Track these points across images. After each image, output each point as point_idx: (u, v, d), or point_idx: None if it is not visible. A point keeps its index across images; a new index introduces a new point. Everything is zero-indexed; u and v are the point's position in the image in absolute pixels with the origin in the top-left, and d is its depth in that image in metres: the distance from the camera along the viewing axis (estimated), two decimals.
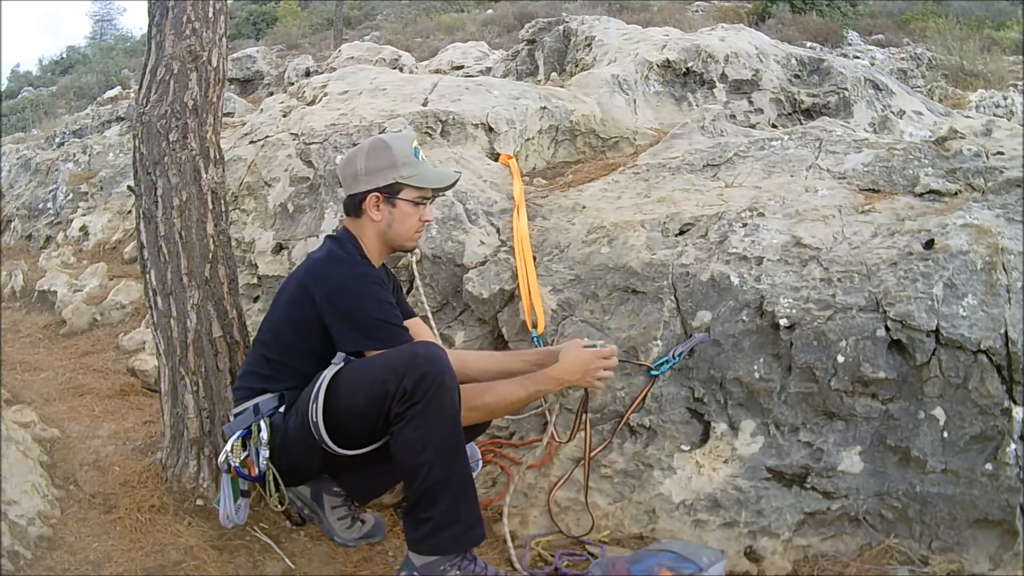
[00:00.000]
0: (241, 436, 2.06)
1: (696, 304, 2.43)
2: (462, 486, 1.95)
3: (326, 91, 4.59)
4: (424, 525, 1.94)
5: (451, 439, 1.92)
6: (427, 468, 1.89)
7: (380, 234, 2.17)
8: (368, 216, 2.14)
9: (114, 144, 7.88)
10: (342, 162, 2.23)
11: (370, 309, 2.02)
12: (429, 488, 1.90)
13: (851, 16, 15.22)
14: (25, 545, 2.05)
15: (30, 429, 2.68)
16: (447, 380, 1.90)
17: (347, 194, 2.19)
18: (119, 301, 4.71)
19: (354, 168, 2.15)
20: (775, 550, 2.16)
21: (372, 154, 2.14)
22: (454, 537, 1.94)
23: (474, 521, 1.98)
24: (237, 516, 2.15)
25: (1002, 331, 2.10)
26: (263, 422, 2.04)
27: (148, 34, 2.50)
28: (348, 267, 2.08)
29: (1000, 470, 2.06)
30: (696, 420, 2.38)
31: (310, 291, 2.06)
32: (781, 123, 4.61)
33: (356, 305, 2.02)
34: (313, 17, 20.81)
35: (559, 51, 5.73)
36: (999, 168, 2.63)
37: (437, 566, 1.95)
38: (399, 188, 2.13)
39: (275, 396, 2.11)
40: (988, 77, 9.42)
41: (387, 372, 1.89)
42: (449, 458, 1.91)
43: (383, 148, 2.14)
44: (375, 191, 2.13)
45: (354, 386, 1.93)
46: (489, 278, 2.89)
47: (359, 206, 2.14)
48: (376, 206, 2.14)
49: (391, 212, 2.14)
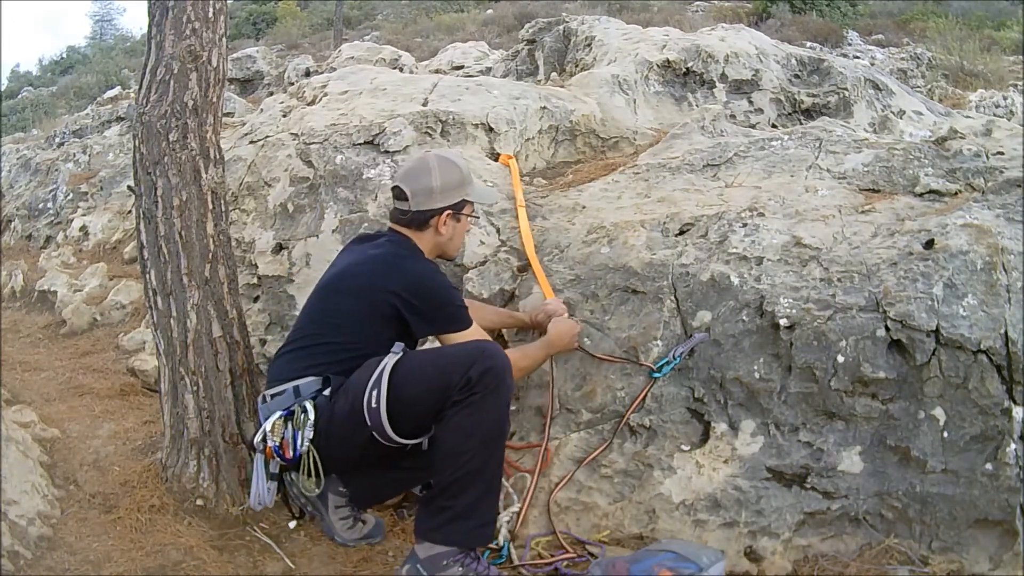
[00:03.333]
0: (284, 415, 2.05)
1: (696, 304, 2.43)
2: (492, 482, 2.01)
3: (326, 91, 4.58)
4: (443, 513, 1.96)
5: (497, 435, 2.00)
6: (468, 456, 1.94)
7: (438, 246, 2.32)
8: (435, 230, 2.29)
9: (114, 144, 7.88)
10: (409, 177, 2.30)
11: (449, 297, 2.21)
12: (463, 476, 1.94)
13: (851, 16, 15.21)
14: (25, 545, 2.05)
15: (30, 429, 2.68)
16: (507, 379, 2.00)
17: (416, 209, 2.26)
18: (119, 301, 4.71)
19: (428, 185, 2.25)
20: (775, 550, 2.16)
21: (444, 172, 2.27)
22: (467, 530, 1.97)
23: (489, 520, 2.02)
24: (268, 499, 2.13)
25: (1002, 331, 2.10)
26: (308, 403, 2.04)
27: (148, 34, 2.50)
28: (421, 263, 2.24)
29: (1000, 470, 2.06)
30: (696, 420, 2.38)
31: (385, 284, 2.15)
32: (781, 123, 4.61)
33: (436, 294, 2.18)
34: (313, 17, 20.80)
35: (559, 51, 5.72)
36: (999, 168, 2.63)
37: (441, 559, 1.96)
38: (463, 204, 2.32)
39: (318, 379, 2.10)
40: (988, 77, 9.42)
41: (454, 363, 1.97)
42: (490, 452, 1.98)
43: (454, 167, 2.30)
44: (448, 207, 2.27)
45: (417, 375, 1.98)
46: (489, 278, 2.89)
47: (427, 221, 2.27)
48: (446, 222, 2.29)
49: (455, 227, 2.33)
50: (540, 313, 2.56)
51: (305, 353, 2.17)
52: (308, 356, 2.15)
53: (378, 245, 2.29)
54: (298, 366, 2.14)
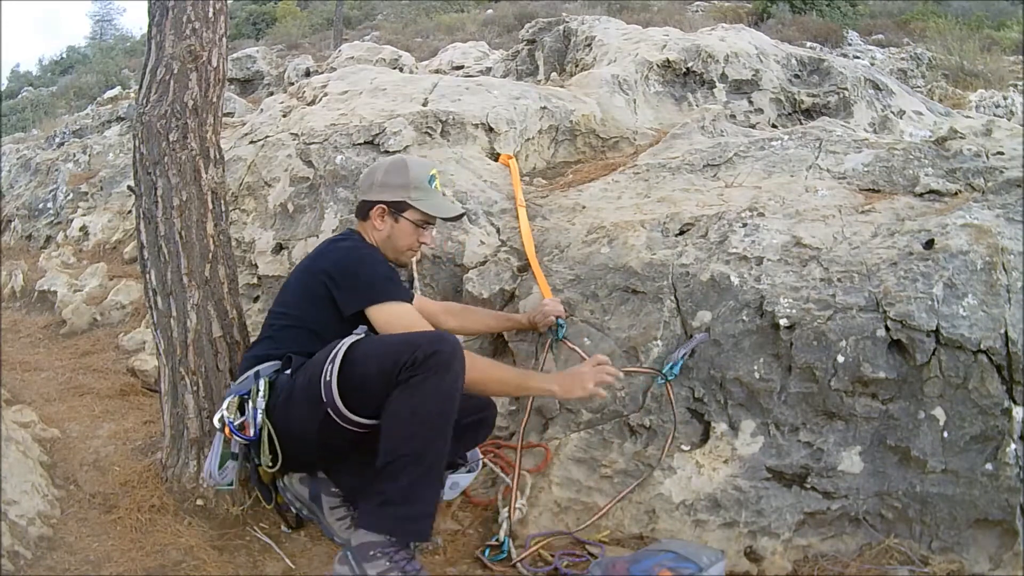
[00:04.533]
0: (239, 395, 2.10)
1: (696, 304, 2.43)
2: (430, 471, 1.90)
3: (326, 91, 4.58)
4: (375, 498, 1.90)
5: (439, 420, 1.90)
6: (405, 439, 1.88)
7: (381, 243, 2.36)
8: (372, 223, 2.36)
9: (114, 144, 7.88)
10: (367, 170, 2.47)
11: (373, 271, 2.21)
12: (397, 459, 1.87)
13: (851, 16, 15.22)
14: (25, 545, 2.05)
15: (30, 429, 2.68)
16: (456, 365, 1.93)
17: (360, 199, 2.41)
18: (119, 301, 4.71)
19: (372, 178, 2.39)
20: (775, 550, 2.16)
21: (391, 170, 2.37)
22: (398, 518, 1.87)
23: (425, 513, 1.92)
24: (221, 478, 2.15)
25: (1002, 331, 2.10)
26: (263, 380, 2.09)
27: (148, 34, 2.50)
28: (354, 245, 2.31)
29: (1000, 470, 2.06)
30: (696, 420, 2.38)
31: (318, 265, 2.25)
32: (781, 123, 4.61)
33: (357, 268, 2.21)
34: (313, 17, 20.80)
35: (559, 51, 5.73)
36: (999, 168, 2.63)
37: (369, 549, 1.86)
38: (405, 207, 2.34)
39: (277, 362, 2.16)
40: (988, 77, 9.43)
41: (403, 344, 1.95)
42: (429, 437, 1.89)
43: (402, 168, 2.37)
44: (383, 203, 2.34)
45: (370, 354, 1.98)
46: (489, 278, 2.89)
47: (367, 212, 2.37)
48: (381, 217, 2.35)
49: (393, 226, 2.35)
50: (537, 314, 2.58)
51: (265, 344, 2.26)
52: (267, 345, 2.24)
53: (328, 240, 2.44)
54: (259, 353, 2.23)
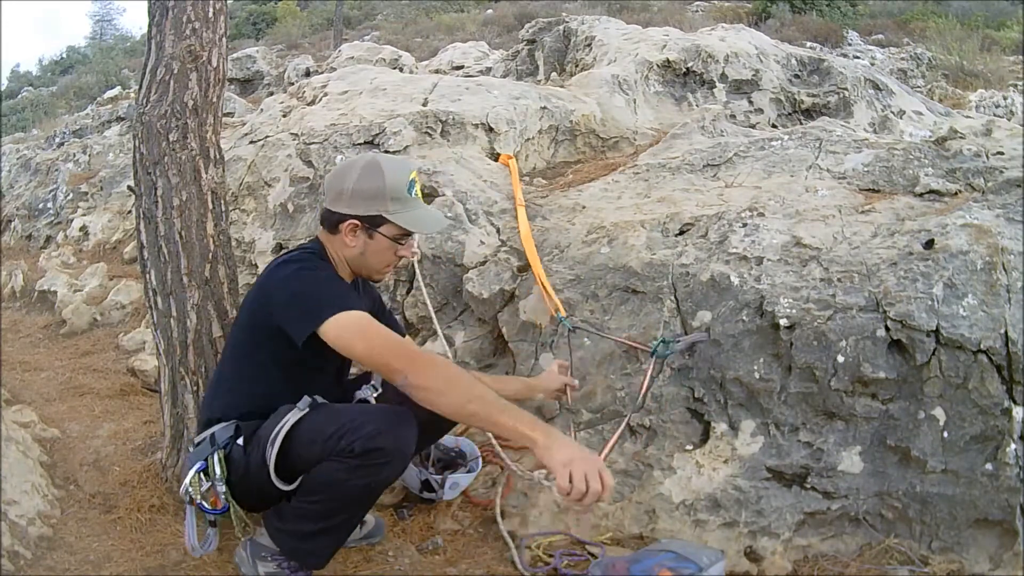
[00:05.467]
0: (200, 469, 1.92)
1: (696, 304, 2.43)
2: (336, 531, 1.93)
3: (326, 91, 4.59)
4: (281, 518, 1.93)
5: (358, 502, 1.91)
6: (320, 499, 1.86)
7: (350, 258, 2.04)
8: (342, 238, 2.00)
9: (114, 144, 7.89)
10: (333, 172, 2.06)
11: (313, 289, 1.88)
12: (308, 509, 1.88)
13: (851, 16, 15.22)
14: (25, 545, 2.05)
15: (30, 429, 2.69)
16: (395, 464, 1.86)
17: (326, 207, 2.03)
18: (119, 301, 4.72)
19: (341, 185, 1.98)
20: (775, 550, 2.16)
21: (364, 176, 1.97)
22: (293, 546, 1.93)
23: (321, 554, 1.95)
24: (204, 547, 1.98)
25: (1002, 331, 2.10)
26: (218, 455, 1.92)
27: (148, 34, 2.50)
28: (297, 269, 1.94)
29: (1000, 470, 2.06)
30: (696, 420, 2.38)
31: (263, 297, 1.96)
32: (781, 123, 4.61)
33: (301, 291, 1.87)
34: (313, 17, 20.81)
35: (559, 51, 5.73)
36: (999, 168, 2.63)
37: (262, 550, 1.96)
38: (381, 222, 1.98)
39: (231, 425, 1.97)
40: (988, 77, 9.43)
41: (349, 426, 1.81)
42: (344, 511, 1.90)
43: (376, 174, 1.97)
44: (356, 218, 1.97)
45: (313, 435, 1.84)
46: (489, 278, 2.89)
47: (336, 225, 2.00)
48: (353, 232, 1.99)
49: (367, 243, 2.00)
50: (555, 383, 2.43)
51: (219, 390, 2.08)
52: (222, 394, 2.05)
53: (282, 256, 2.10)
54: (215, 405, 2.05)
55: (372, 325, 1.85)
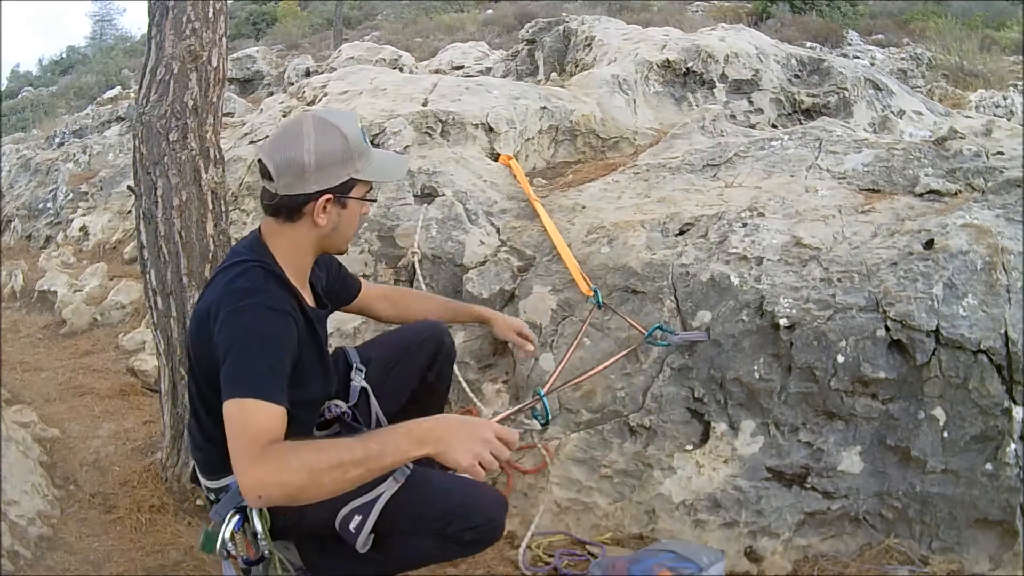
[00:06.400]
0: (239, 527, 1.66)
1: (696, 304, 2.43)
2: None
3: (326, 91, 4.59)
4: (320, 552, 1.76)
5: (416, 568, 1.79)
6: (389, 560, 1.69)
7: (317, 240, 1.71)
8: (311, 220, 1.66)
9: (114, 144, 7.89)
10: (273, 148, 1.64)
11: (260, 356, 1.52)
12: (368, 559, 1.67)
13: (851, 16, 15.22)
14: (25, 545, 2.05)
15: (30, 429, 2.69)
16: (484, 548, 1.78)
17: (284, 193, 1.62)
18: (119, 301, 4.72)
19: (298, 160, 1.60)
20: (775, 550, 2.16)
21: (324, 141, 1.62)
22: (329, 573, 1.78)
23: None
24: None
25: (1002, 331, 2.10)
26: (261, 515, 1.64)
27: (148, 34, 2.50)
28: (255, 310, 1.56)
29: (1000, 470, 2.06)
30: (696, 420, 2.38)
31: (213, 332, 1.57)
32: (781, 123, 4.61)
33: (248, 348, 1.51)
34: (313, 17, 20.82)
35: (559, 51, 5.73)
36: (999, 168, 2.63)
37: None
38: (352, 185, 1.67)
39: None
40: (988, 77, 9.43)
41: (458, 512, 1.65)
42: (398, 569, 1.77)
43: (333, 133, 1.63)
44: (328, 191, 1.64)
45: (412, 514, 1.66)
46: (489, 278, 2.89)
47: (299, 209, 1.65)
48: (323, 209, 1.65)
49: (339, 214, 1.69)
50: (503, 324, 2.22)
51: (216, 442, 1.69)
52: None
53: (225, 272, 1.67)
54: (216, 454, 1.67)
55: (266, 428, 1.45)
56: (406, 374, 2.11)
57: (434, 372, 2.14)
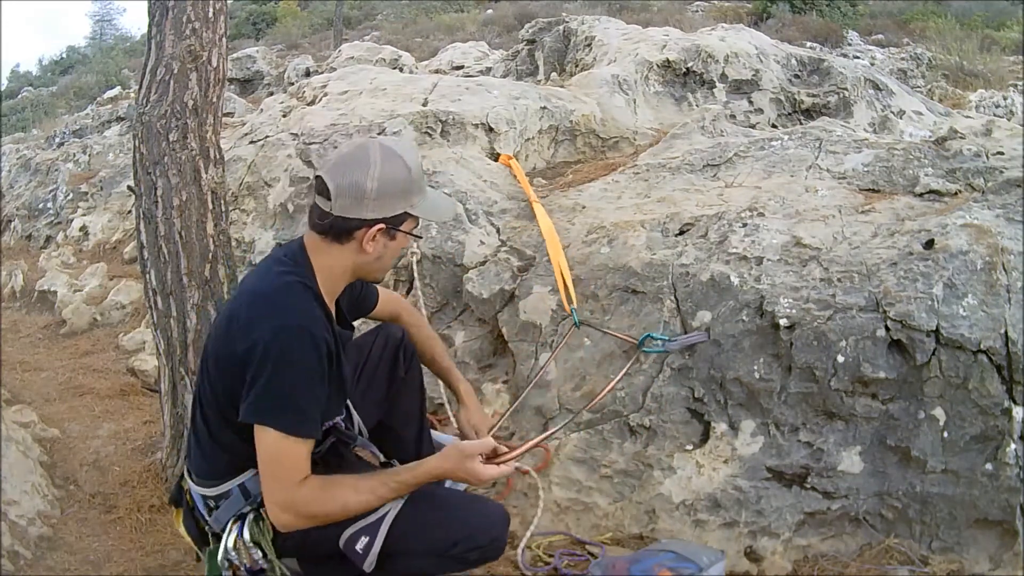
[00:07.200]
0: (239, 533, 1.66)
1: (696, 304, 2.43)
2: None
3: (326, 91, 4.59)
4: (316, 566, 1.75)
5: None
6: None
7: (359, 265, 1.70)
8: (359, 245, 1.64)
9: (114, 144, 7.89)
10: (337, 169, 1.62)
11: (292, 384, 1.54)
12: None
13: (851, 16, 15.22)
14: (25, 545, 2.06)
15: (30, 429, 2.69)
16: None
17: (339, 215, 1.60)
18: (119, 301, 4.72)
19: (362, 187, 1.58)
20: (775, 550, 2.16)
21: (389, 171, 1.61)
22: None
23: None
24: None
25: (1002, 331, 2.10)
26: (262, 524, 1.65)
27: (148, 34, 2.50)
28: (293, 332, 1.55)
29: (1000, 470, 2.06)
30: (696, 420, 2.38)
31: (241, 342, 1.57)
32: (781, 123, 4.61)
33: (282, 378, 1.53)
34: (313, 17, 20.82)
35: (559, 51, 5.73)
36: (999, 168, 2.63)
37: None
38: (404, 218, 1.67)
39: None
40: (988, 77, 9.43)
41: (465, 532, 1.66)
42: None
43: (400, 167, 1.63)
44: (382, 220, 1.62)
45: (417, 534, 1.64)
46: (489, 278, 2.89)
47: (351, 233, 1.63)
48: (374, 238, 1.63)
49: (386, 245, 1.68)
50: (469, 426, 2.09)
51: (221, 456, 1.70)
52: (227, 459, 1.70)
53: (266, 275, 1.68)
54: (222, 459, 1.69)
55: (295, 467, 1.55)
56: (376, 380, 2.08)
57: (402, 368, 2.10)
